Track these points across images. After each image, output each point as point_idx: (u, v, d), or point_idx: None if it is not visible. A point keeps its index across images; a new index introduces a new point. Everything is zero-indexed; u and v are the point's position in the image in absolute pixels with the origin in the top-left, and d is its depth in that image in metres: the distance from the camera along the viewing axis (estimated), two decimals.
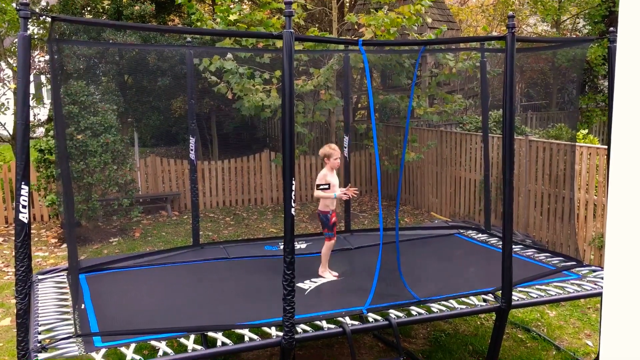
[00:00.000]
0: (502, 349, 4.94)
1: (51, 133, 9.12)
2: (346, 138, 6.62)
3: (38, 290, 4.60)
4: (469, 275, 5.26)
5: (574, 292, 4.68)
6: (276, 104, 8.33)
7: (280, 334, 3.72)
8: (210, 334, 3.82)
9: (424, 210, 10.55)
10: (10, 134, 11.35)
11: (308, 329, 3.92)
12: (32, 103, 13.69)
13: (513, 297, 4.30)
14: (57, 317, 4.06)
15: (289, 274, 3.61)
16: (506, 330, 5.09)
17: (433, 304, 4.34)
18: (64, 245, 8.32)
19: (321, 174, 5.26)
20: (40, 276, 4.96)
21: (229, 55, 8.29)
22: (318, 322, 4.00)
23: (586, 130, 9.25)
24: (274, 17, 8.62)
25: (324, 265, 5.28)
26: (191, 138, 5.98)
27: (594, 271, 5.13)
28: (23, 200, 3.28)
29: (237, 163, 11.23)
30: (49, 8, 11.53)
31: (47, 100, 16.19)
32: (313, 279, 5.15)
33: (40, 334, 3.75)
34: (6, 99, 11.56)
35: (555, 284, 4.78)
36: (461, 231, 6.67)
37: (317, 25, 13.04)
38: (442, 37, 9.44)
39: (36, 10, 10.74)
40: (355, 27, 10.04)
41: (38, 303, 4.31)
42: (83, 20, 9.35)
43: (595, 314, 6.04)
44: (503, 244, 4.22)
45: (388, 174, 10.90)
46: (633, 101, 1.67)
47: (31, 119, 12.36)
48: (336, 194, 5.18)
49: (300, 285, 4.87)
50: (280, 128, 3.77)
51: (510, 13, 4.21)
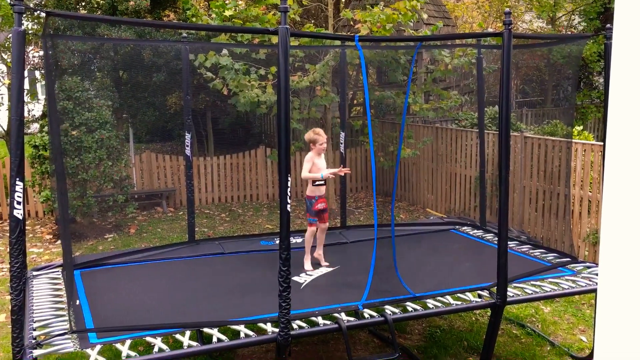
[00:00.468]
0: (497, 344, 4.96)
1: (46, 129, 9.08)
2: (342, 134, 6.62)
3: (33, 287, 4.59)
4: (464, 271, 5.27)
5: (568, 288, 4.70)
6: (272, 100, 8.32)
7: (276, 330, 3.73)
8: (205, 330, 3.82)
9: (419, 206, 10.56)
10: (5, 129, 11.31)
11: (304, 325, 3.92)
12: (27, 99, 13.62)
13: (508, 293, 4.31)
14: (52, 314, 4.05)
15: (284, 270, 3.61)
16: (501, 326, 5.12)
17: (428, 300, 4.35)
18: (59, 242, 8.29)
19: (308, 156, 5.26)
20: (35, 272, 4.95)
21: (225, 51, 8.27)
22: (314, 318, 4.01)
23: (581, 127, 9.28)
24: (270, 13, 8.59)
25: (307, 252, 5.36)
26: (187, 134, 5.97)
27: (589, 267, 5.15)
28: (17, 196, 3.26)
29: (233, 159, 11.22)
30: (43, 3, 11.45)
31: (42, 96, 16.10)
32: (308, 272, 5.17)
33: (35, 330, 3.75)
34: (0, 94, 11.51)
35: (550, 280, 4.80)
36: (457, 227, 6.68)
37: (313, 21, 13.01)
38: (438, 34, 9.43)
39: (30, 5, 10.68)
40: (351, 23, 10.03)
41: (33, 299, 4.30)
42: (78, 16, 9.29)
43: (590, 309, 6.07)
44: (498, 241, 4.23)
45: (384, 170, 10.91)
46: (628, 98, 1.67)
47: (25, 114, 12.29)
48: (323, 174, 5.20)
49: (295, 279, 4.89)
50: (276, 124, 3.76)
51: (507, 10, 4.21)
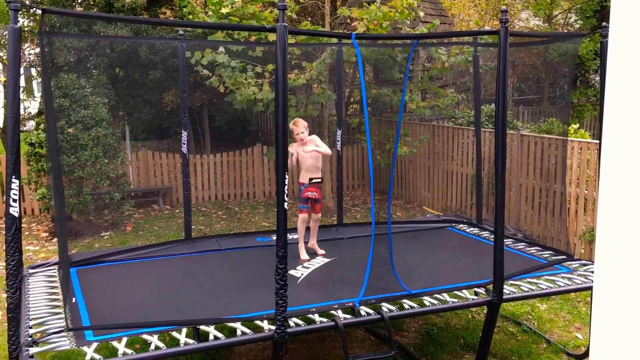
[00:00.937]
0: (493, 342, 4.97)
1: (42, 126, 9.06)
2: (339, 132, 6.62)
3: (29, 285, 4.58)
4: (460, 268, 5.28)
5: (564, 286, 4.71)
6: (268, 97, 8.31)
7: (273, 327, 3.73)
8: (202, 327, 3.82)
9: (416, 204, 10.58)
10: (1, 127, 11.26)
11: (300, 322, 3.92)
12: (23, 96, 13.58)
13: (504, 291, 4.32)
14: (48, 311, 4.04)
15: (281, 267, 3.61)
16: (497, 323, 5.13)
17: (425, 297, 4.36)
18: (55, 239, 8.27)
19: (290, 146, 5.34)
20: (31, 270, 4.94)
21: (221, 49, 8.25)
22: (310, 316, 4.01)
23: (577, 125, 9.29)
24: (267, 11, 8.58)
25: (300, 241, 5.43)
26: (183, 132, 5.96)
27: (585, 265, 5.17)
28: (13, 194, 3.25)
29: (230, 157, 11.21)
30: (39, 0, 11.42)
31: (38, 94, 16.07)
32: (305, 265, 5.18)
33: (31, 328, 3.74)
34: None
35: (546, 277, 4.81)
36: (453, 225, 6.69)
37: (310, 18, 12.99)
38: (435, 32, 9.43)
39: (26, 2, 10.63)
40: (348, 21, 10.02)
41: (29, 297, 4.29)
42: (74, 13, 9.27)
43: (586, 307, 6.09)
44: (495, 238, 4.23)
45: (380, 168, 10.91)
46: (624, 96, 1.67)
47: (21, 112, 12.24)
48: (291, 153, 5.23)
49: (292, 273, 4.90)
50: (274, 122, 3.75)
51: (504, 8, 4.20)
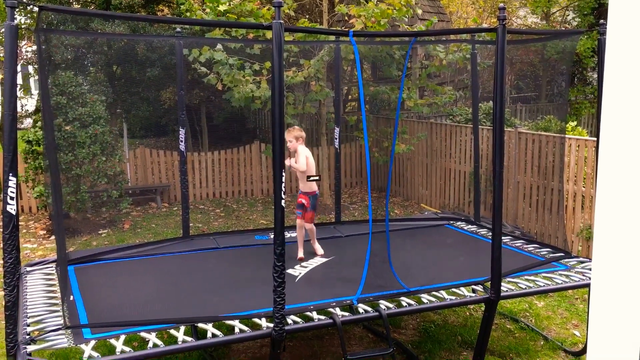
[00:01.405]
0: (491, 339, 4.98)
1: (39, 124, 9.04)
2: (336, 129, 6.62)
3: (27, 282, 4.58)
4: (458, 266, 5.29)
5: (562, 283, 4.72)
6: (266, 95, 8.30)
7: (271, 325, 3.73)
8: (200, 325, 3.82)
9: (414, 201, 10.58)
10: None
11: (298, 320, 3.93)
12: (20, 94, 13.55)
13: (502, 288, 4.33)
14: (46, 309, 4.04)
15: (279, 265, 3.61)
16: (495, 320, 5.14)
17: (423, 295, 4.37)
18: (53, 237, 8.26)
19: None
20: (28, 268, 4.94)
21: (219, 46, 8.24)
22: (308, 313, 4.02)
23: (575, 123, 9.32)
24: (264, 8, 8.56)
25: (299, 245, 5.44)
26: (181, 129, 5.95)
27: (582, 262, 5.18)
28: (11, 191, 3.25)
29: (227, 154, 11.20)
30: None
31: (35, 91, 16.03)
32: (303, 264, 5.18)
33: (29, 326, 3.74)
34: None
35: (543, 274, 4.82)
36: (451, 222, 6.70)
37: (308, 16, 12.96)
38: (433, 29, 9.43)
39: None
40: (346, 18, 10.01)
41: (27, 295, 4.29)
42: (71, 10, 9.24)
43: (583, 304, 6.10)
44: (492, 236, 4.24)
45: (378, 166, 10.92)
46: (622, 93, 1.67)
47: (19, 109, 12.23)
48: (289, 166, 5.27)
49: (290, 272, 4.90)
50: (271, 119, 3.75)
51: (501, 5, 4.20)
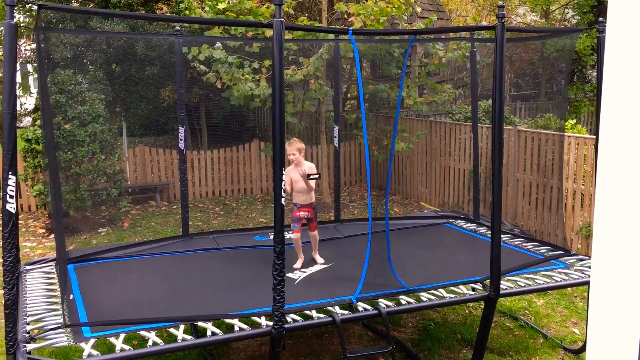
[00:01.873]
0: (490, 337, 4.99)
1: (38, 122, 9.03)
2: (336, 128, 6.61)
3: (26, 281, 4.58)
4: (458, 264, 5.29)
5: (561, 281, 4.72)
6: (265, 93, 8.29)
7: (270, 323, 3.73)
8: (200, 323, 3.82)
9: (413, 200, 10.58)
10: None
11: (298, 318, 3.92)
12: (19, 92, 13.54)
13: (501, 286, 4.33)
14: (46, 308, 4.04)
15: (279, 263, 3.61)
16: (494, 318, 5.14)
17: (422, 293, 4.37)
18: (52, 236, 8.26)
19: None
20: (28, 267, 4.94)
21: (218, 44, 8.23)
22: (308, 312, 4.02)
23: (574, 120, 9.30)
24: (264, 6, 8.55)
25: (298, 256, 5.29)
26: (180, 128, 5.95)
27: (581, 260, 5.18)
28: (10, 190, 3.25)
29: (227, 153, 11.20)
30: None
31: (34, 90, 16.01)
32: (303, 269, 5.16)
33: (28, 324, 3.74)
34: None
35: (543, 272, 4.82)
36: (450, 221, 6.70)
37: (307, 14, 12.96)
38: (432, 27, 9.43)
39: None
40: (345, 17, 10.01)
41: (26, 294, 4.29)
42: (70, 8, 9.20)
43: (583, 302, 6.11)
44: (492, 234, 4.24)
45: (377, 164, 10.91)
46: (621, 91, 1.68)
47: (18, 108, 12.23)
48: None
49: (290, 276, 4.88)
50: (270, 118, 3.75)
51: (500, 3, 4.18)
